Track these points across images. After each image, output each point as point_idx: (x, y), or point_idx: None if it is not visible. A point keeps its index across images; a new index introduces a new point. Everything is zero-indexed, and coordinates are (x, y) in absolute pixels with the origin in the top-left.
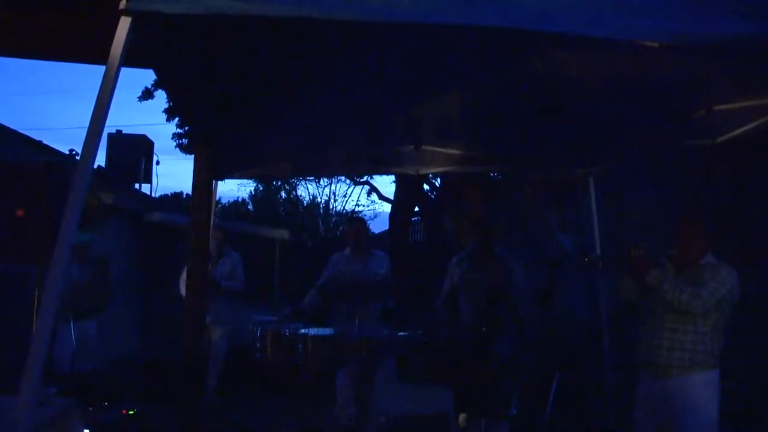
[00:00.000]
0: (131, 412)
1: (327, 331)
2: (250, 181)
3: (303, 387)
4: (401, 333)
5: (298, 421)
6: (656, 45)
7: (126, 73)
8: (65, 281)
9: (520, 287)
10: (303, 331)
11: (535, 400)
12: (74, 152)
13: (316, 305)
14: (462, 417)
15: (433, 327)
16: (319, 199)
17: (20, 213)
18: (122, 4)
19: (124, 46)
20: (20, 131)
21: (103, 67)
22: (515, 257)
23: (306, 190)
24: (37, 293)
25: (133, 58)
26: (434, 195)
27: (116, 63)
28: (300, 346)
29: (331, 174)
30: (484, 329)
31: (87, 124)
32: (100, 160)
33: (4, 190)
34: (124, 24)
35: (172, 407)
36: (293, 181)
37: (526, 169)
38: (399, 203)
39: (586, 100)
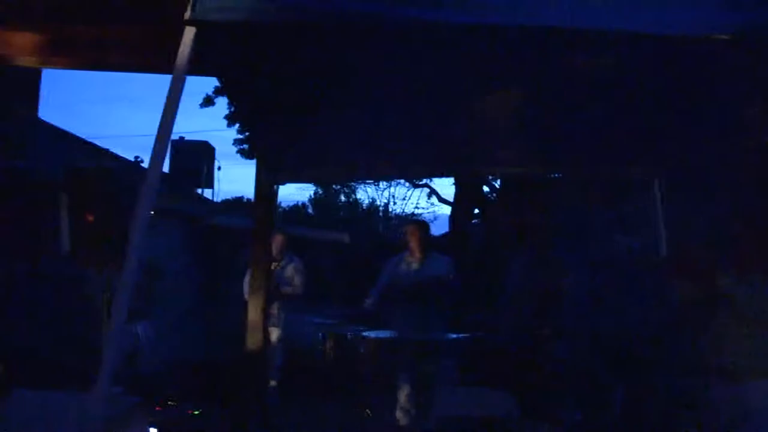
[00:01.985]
0: (196, 413)
1: (387, 333)
2: (310, 184)
3: (363, 389)
4: (461, 335)
5: (358, 423)
6: (727, 38)
7: (187, 80)
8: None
9: (576, 289)
10: (364, 333)
11: (597, 406)
12: (139, 159)
13: (377, 308)
14: (528, 421)
15: (494, 329)
16: (378, 202)
17: (90, 218)
18: (187, 15)
19: (189, 55)
20: (88, 139)
21: (165, 76)
22: (572, 259)
23: (365, 193)
24: (105, 296)
25: (196, 66)
26: (494, 197)
27: (182, 72)
28: (361, 348)
29: (390, 177)
30: (543, 332)
31: (150, 131)
32: (164, 166)
33: (74, 197)
34: (189, 34)
35: (234, 409)
36: (352, 185)
37: (588, 168)
38: (459, 205)
39: (652, 97)
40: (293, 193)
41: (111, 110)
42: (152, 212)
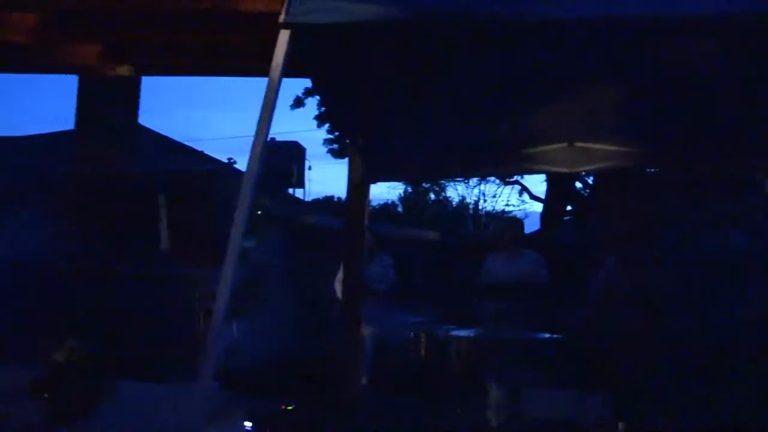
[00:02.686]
0: (289, 408)
1: (478, 332)
2: (400, 183)
3: (454, 388)
4: (553, 335)
5: (449, 423)
6: None
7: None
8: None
9: (674, 289)
10: (455, 332)
11: (698, 414)
12: (232, 160)
13: (470, 306)
14: (621, 426)
15: (585, 330)
16: (468, 200)
17: (188, 220)
18: (282, 18)
19: (285, 58)
20: (183, 142)
21: (254, 79)
22: (673, 257)
23: (455, 190)
24: (202, 294)
25: (291, 68)
26: (587, 193)
27: (278, 74)
28: (451, 347)
29: (481, 174)
30: (639, 334)
31: (240, 134)
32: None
33: (172, 199)
34: (284, 36)
35: (325, 405)
36: (442, 182)
37: (694, 164)
38: (550, 203)
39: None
40: (383, 191)
41: (204, 114)
42: (258, 212)
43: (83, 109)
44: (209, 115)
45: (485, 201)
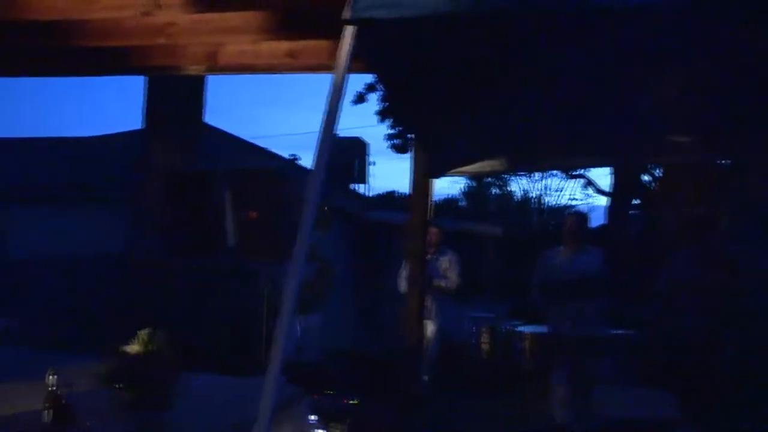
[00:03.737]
0: (353, 402)
1: (543, 328)
2: (462, 177)
3: (519, 385)
4: (619, 331)
5: (513, 419)
6: None
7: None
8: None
9: (744, 283)
10: (520, 328)
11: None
12: (295, 157)
13: (535, 302)
14: (693, 424)
15: (655, 326)
16: (531, 194)
17: (253, 216)
18: (345, 13)
19: (350, 54)
20: (248, 140)
21: (314, 76)
22: (746, 249)
23: (518, 184)
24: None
25: (356, 63)
26: (654, 186)
27: (343, 70)
28: (516, 343)
29: (546, 168)
30: (710, 330)
31: (302, 130)
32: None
33: (237, 195)
34: (348, 32)
35: (390, 400)
36: (505, 177)
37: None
38: (617, 196)
39: None
40: (445, 186)
41: (267, 112)
42: (326, 207)
43: (152, 108)
44: (272, 113)
45: (549, 195)
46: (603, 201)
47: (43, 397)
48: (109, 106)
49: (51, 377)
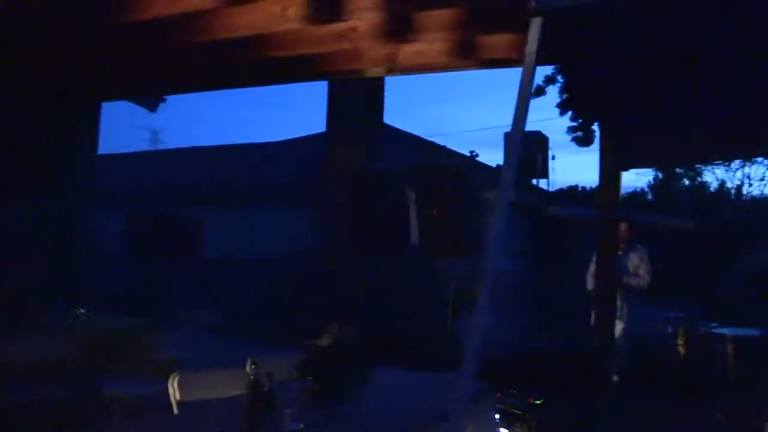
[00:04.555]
0: (537, 402)
1: (752, 331)
2: (650, 169)
3: (718, 391)
4: None
5: (707, 426)
6: None
7: (510, 73)
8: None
9: None
10: (721, 330)
11: None
12: (474, 153)
13: (735, 301)
14: None
15: None
16: (729, 184)
17: (435, 213)
18: (531, 5)
19: (536, 46)
20: (427, 138)
21: (488, 72)
22: None
23: (712, 174)
24: (453, 285)
25: (541, 56)
26: None
27: (532, 62)
28: (716, 346)
29: (747, 156)
30: None
31: (479, 126)
32: (498, 158)
33: (420, 193)
34: (535, 24)
35: (577, 401)
36: (698, 167)
37: None
38: None
39: None
40: (631, 178)
41: (442, 109)
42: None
43: (335, 111)
44: (448, 109)
45: (750, 185)
46: None
47: (245, 385)
48: (289, 112)
49: (251, 367)
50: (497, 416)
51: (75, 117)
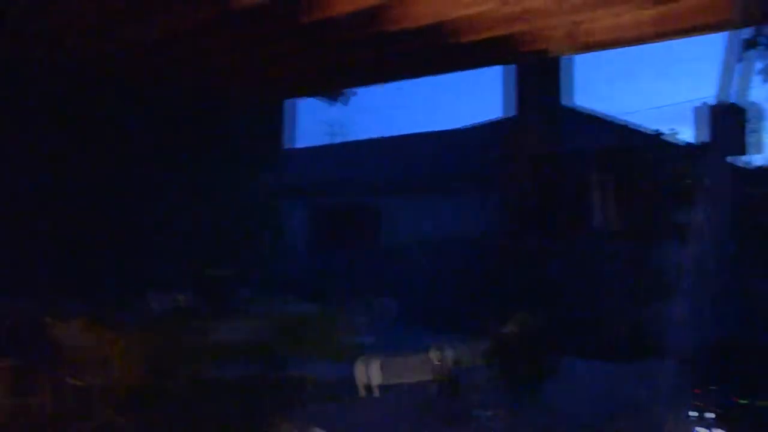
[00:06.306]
0: (742, 402)
1: None
2: None
3: None
4: None
5: None
6: None
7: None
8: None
9: None
10: None
11: None
12: (659, 132)
13: None
14: None
15: None
16: None
17: (621, 195)
18: None
19: (744, 6)
20: (608, 117)
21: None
22: None
23: None
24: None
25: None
26: None
27: (738, 25)
28: None
29: None
30: None
31: (661, 102)
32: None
33: (604, 175)
34: None
35: None
36: None
37: None
38: None
39: None
40: None
41: (623, 86)
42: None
43: (517, 95)
44: (628, 86)
45: None
46: None
47: (431, 371)
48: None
49: (436, 353)
50: (693, 414)
51: (267, 114)
